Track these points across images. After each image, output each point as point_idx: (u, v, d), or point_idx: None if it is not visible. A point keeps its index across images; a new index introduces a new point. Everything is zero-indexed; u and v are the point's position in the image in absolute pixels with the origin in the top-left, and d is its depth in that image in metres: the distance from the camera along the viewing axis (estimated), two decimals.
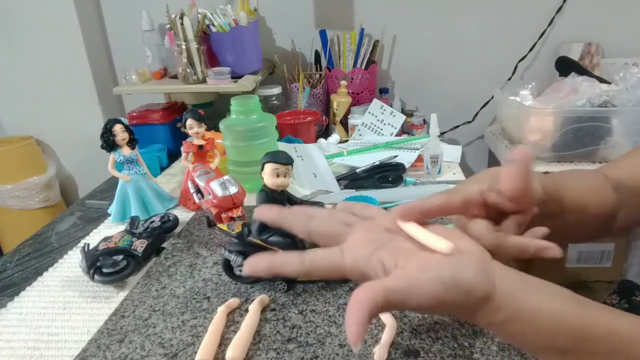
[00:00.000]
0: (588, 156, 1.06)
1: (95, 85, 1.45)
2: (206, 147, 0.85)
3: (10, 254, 0.79)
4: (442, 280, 0.32)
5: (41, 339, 0.56)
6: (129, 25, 1.41)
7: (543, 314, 0.32)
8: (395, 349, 0.50)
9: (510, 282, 0.34)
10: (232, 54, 1.16)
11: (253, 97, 0.92)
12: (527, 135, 1.08)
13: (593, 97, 1.03)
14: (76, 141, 1.53)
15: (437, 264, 0.33)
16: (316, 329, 0.54)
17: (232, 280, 0.64)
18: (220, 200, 0.73)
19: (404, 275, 0.33)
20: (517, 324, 0.32)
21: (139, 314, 0.59)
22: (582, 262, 1.17)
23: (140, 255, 0.69)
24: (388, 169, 0.94)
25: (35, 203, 1.48)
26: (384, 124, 1.22)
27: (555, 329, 0.32)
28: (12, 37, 1.40)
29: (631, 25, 1.32)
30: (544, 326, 0.32)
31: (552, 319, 0.32)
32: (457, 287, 0.32)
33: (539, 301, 0.32)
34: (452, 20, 1.38)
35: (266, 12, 1.42)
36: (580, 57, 1.31)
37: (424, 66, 1.44)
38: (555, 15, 1.33)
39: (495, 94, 1.28)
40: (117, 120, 0.80)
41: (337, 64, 1.35)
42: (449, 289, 0.31)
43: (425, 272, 0.32)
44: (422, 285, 0.32)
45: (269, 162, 0.57)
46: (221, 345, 0.52)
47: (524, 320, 0.32)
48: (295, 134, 1.13)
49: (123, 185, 0.83)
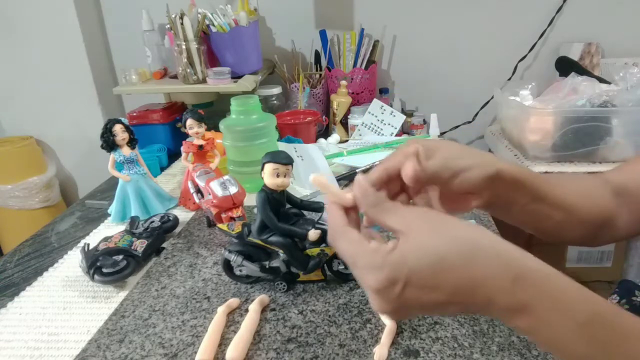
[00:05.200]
0: (588, 156, 1.06)
1: (95, 85, 1.45)
2: (206, 147, 0.85)
3: (10, 254, 0.79)
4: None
5: (41, 339, 0.56)
6: (129, 25, 1.41)
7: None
8: (395, 349, 0.50)
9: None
10: (232, 54, 1.16)
11: (253, 97, 0.92)
12: (527, 135, 1.08)
13: (593, 97, 1.02)
14: (76, 141, 1.53)
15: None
16: (316, 329, 0.54)
17: (232, 280, 0.64)
18: (220, 200, 0.73)
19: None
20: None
21: (139, 314, 0.59)
22: (582, 262, 1.17)
23: (140, 255, 0.69)
24: None
25: (35, 203, 1.48)
26: (384, 124, 1.22)
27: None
28: (12, 37, 1.40)
29: (631, 25, 1.32)
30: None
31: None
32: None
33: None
34: (452, 20, 1.38)
35: (266, 12, 1.42)
36: (580, 57, 1.31)
37: (424, 66, 1.44)
38: (555, 15, 1.33)
39: (495, 94, 1.28)
40: (117, 120, 0.80)
41: (337, 64, 1.35)
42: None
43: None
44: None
45: (269, 162, 0.57)
46: (221, 345, 0.52)
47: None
48: (295, 134, 1.13)
49: (123, 185, 0.83)
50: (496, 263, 0.31)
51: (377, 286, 0.32)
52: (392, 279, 0.31)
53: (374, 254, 0.32)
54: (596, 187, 0.50)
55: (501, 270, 0.31)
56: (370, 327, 0.54)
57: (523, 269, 0.31)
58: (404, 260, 0.31)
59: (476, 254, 0.31)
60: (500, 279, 0.31)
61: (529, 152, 1.10)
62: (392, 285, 0.31)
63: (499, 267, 0.31)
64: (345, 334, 0.53)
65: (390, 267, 0.31)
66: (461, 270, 0.31)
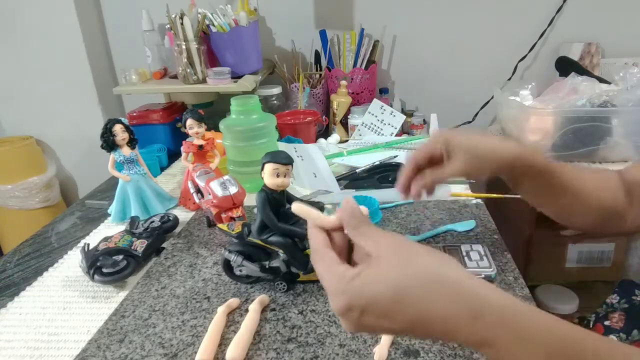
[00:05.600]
0: (588, 156, 1.06)
1: (95, 85, 1.45)
2: (206, 147, 0.85)
3: (10, 254, 0.79)
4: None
5: (41, 339, 0.56)
6: (129, 25, 1.41)
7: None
8: (395, 349, 0.50)
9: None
10: (232, 54, 1.16)
11: (253, 97, 0.92)
12: (527, 135, 1.08)
13: (593, 97, 1.02)
14: (76, 141, 1.53)
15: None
16: (316, 329, 0.54)
17: (232, 280, 0.64)
18: (220, 200, 0.73)
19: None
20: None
21: (139, 314, 0.59)
22: (582, 262, 1.17)
23: (140, 255, 0.69)
24: (388, 169, 0.94)
25: (35, 203, 1.48)
26: (384, 124, 1.22)
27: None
28: (12, 37, 1.40)
29: (631, 25, 1.32)
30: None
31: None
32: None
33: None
34: (452, 20, 1.38)
35: (266, 12, 1.42)
36: (580, 57, 1.31)
37: (424, 66, 1.44)
38: (555, 15, 1.33)
39: (495, 94, 1.28)
40: (117, 120, 0.80)
41: (337, 64, 1.35)
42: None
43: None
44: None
45: (269, 162, 0.57)
46: (221, 345, 0.52)
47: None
48: (295, 134, 1.13)
49: (123, 185, 0.83)
50: (458, 300, 0.32)
51: (337, 310, 0.34)
52: (350, 305, 0.33)
53: (340, 279, 0.34)
54: (611, 180, 0.55)
55: (461, 309, 0.32)
56: None
57: (484, 307, 0.32)
58: (363, 289, 0.33)
59: (437, 290, 0.32)
60: (460, 317, 0.32)
61: None
62: (350, 311, 0.33)
63: (459, 305, 0.32)
64: (345, 334, 0.53)
65: (349, 295, 0.33)
66: (419, 305, 0.32)
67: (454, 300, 0.32)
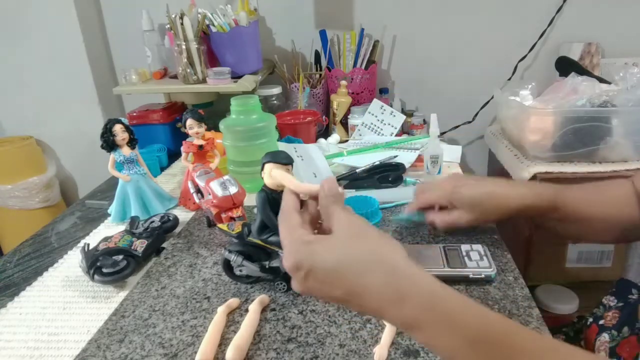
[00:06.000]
0: (588, 156, 1.06)
1: (95, 85, 1.45)
2: (206, 147, 0.85)
3: (10, 254, 0.79)
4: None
5: (41, 339, 0.56)
6: (129, 25, 1.41)
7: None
8: (395, 349, 0.50)
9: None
10: (232, 54, 1.16)
11: (253, 97, 0.92)
12: (527, 135, 1.08)
13: (593, 97, 1.02)
14: (76, 141, 1.53)
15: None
16: (316, 329, 0.54)
17: (232, 280, 0.64)
18: (220, 200, 0.73)
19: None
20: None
21: (139, 314, 0.59)
22: (582, 262, 1.17)
23: (140, 255, 0.69)
24: (388, 169, 0.94)
25: (35, 203, 1.48)
26: (384, 124, 1.22)
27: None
28: (12, 37, 1.40)
29: (631, 25, 1.32)
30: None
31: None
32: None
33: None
34: (452, 20, 1.38)
35: (266, 12, 1.42)
36: (580, 57, 1.31)
37: (424, 66, 1.44)
38: (555, 15, 1.33)
39: (495, 94, 1.28)
40: (117, 120, 0.80)
41: (337, 64, 1.35)
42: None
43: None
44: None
45: (269, 162, 0.57)
46: (221, 345, 0.52)
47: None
48: (295, 134, 1.13)
49: (123, 185, 0.83)
50: (390, 281, 0.35)
51: (287, 267, 0.38)
52: (298, 265, 0.37)
53: (296, 240, 0.38)
54: (623, 195, 0.58)
55: (391, 289, 0.35)
56: (370, 327, 0.54)
57: (412, 290, 0.34)
58: (312, 255, 0.37)
59: (373, 268, 0.35)
60: (389, 293, 0.35)
61: (529, 152, 1.10)
62: (298, 270, 0.37)
63: (390, 286, 0.35)
64: (345, 334, 0.53)
65: (299, 256, 0.37)
66: (356, 279, 0.35)
67: (387, 280, 0.35)
